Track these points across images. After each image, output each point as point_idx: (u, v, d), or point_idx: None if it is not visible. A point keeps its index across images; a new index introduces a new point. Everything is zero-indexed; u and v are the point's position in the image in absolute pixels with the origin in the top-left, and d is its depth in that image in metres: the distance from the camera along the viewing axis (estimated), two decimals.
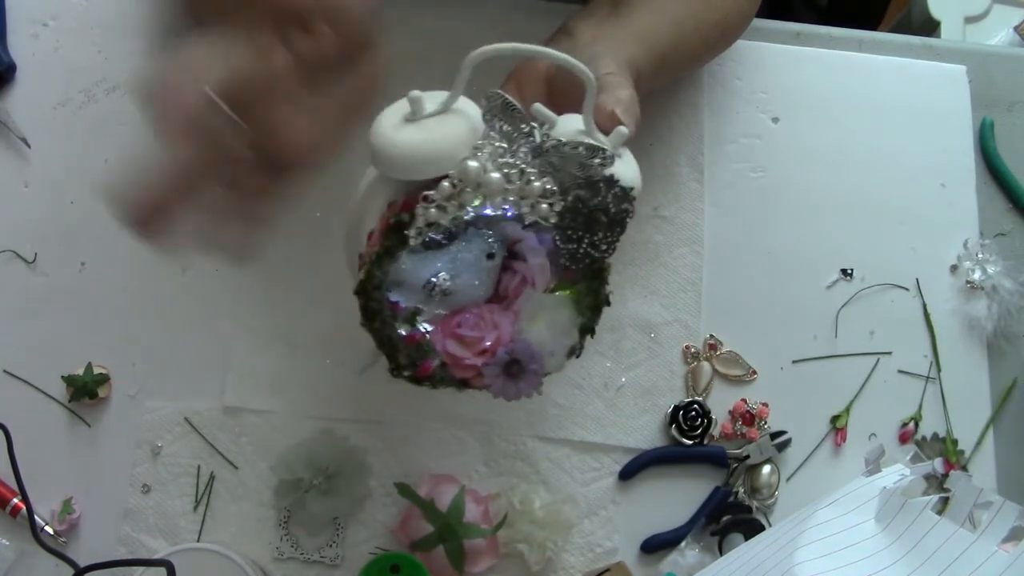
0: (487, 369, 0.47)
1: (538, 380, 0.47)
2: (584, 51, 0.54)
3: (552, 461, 0.65)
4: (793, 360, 0.68)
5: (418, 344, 0.48)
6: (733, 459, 0.65)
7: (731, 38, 0.69)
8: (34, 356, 0.65)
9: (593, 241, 0.46)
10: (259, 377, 0.65)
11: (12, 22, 0.72)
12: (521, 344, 0.46)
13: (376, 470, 0.64)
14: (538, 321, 0.46)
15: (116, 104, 0.70)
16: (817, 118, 0.73)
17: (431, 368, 0.48)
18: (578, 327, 0.47)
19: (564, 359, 0.47)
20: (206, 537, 0.62)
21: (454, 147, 0.44)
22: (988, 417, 0.67)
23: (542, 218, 0.45)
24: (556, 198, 0.45)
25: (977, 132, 0.74)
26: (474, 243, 0.47)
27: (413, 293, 0.47)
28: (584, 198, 0.45)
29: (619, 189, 0.45)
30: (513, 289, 0.48)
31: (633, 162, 0.49)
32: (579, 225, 0.45)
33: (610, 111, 0.48)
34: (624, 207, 0.45)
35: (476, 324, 0.47)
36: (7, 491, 0.61)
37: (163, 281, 0.67)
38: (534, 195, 0.44)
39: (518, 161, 0.44)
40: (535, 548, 0.61)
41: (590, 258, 0.46)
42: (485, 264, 0.47)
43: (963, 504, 0.56)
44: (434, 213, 0.44)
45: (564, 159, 0.44)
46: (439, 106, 0.44)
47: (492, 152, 0.44)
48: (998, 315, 0.68)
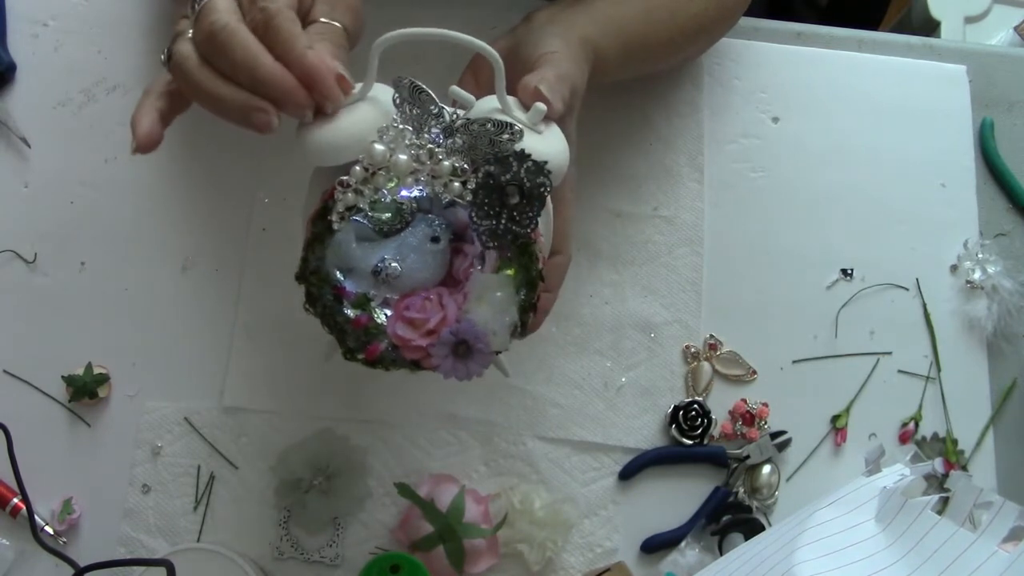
0: (435, 349, 0.48)
1: (486, 359, 0.48)
2: (535, 33, 0.55)
3: (552, 461, 0.65)
4: (793, 360, 0.68)
5: (365, 327, 0.49)
6: (733, 459, 0.65)
7: (715, 33, 0.69)
8: (34, 356, 0.65)
9: (512, 216, 0.46)
10: (259, 377, 0.65)
11: (12, 22, 0.72)
12: (466, 324, 0.47)
13: (376, 470, 0.64)
14: (483, 301, 0.47)
15: (116, 104, 0.70)
16: (817, 118, 0.73)
17: (379, 350, 0.49)
18: (517, 304, 0.48)
19: (508, 337, 0.48)
20: (206, 537, 0.62)
21: (364, 133, 0.46)
22: (988, 417, 0.67)
23: (456, 196, 0.46)
24: (468, 176, 0.46)
25: (977, 132, 0.74)
26: (419, 227, 0.48)
27: (363, 279, 0.49)
28: (494, 173, 0.45)
29: (531, 163, 0.45)
30: (463, 271, 0.49)
31: (559, 138, 0.50)
32: (494, 201, 0.46)
33: (533, 88, 0.49)
34: (539, 180, 0.45)
35: (423, 306, 0.48)
36: (7, 491, 0.61)
37: (163, 281, 0.67)
38: (445, 174, 0.46)
39: (425, 141, 0.46)
40: (535, 548, 0.61)
41: (512, 234, 0.47)
42: (430, 247, 0.49)
43: (963, 504, 0.56)
44: (351, 197, 0.46)
45: (474, 137, 0.46)
46: (355, 95, 0.47)
47: (397, 134, 0.46)
48: (998, 315, 0.68)
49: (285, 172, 0.69)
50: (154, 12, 0.73)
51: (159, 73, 0.47)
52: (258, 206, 0.68)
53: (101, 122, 0.70)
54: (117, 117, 0.70)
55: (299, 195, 0.51)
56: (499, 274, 0.48)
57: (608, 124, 0.72)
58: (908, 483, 0.60)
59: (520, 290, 0.48)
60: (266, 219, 0.68)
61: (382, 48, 0.45)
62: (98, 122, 0.70)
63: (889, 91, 0.74)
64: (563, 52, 0.52)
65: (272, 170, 0.69)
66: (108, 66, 0.71)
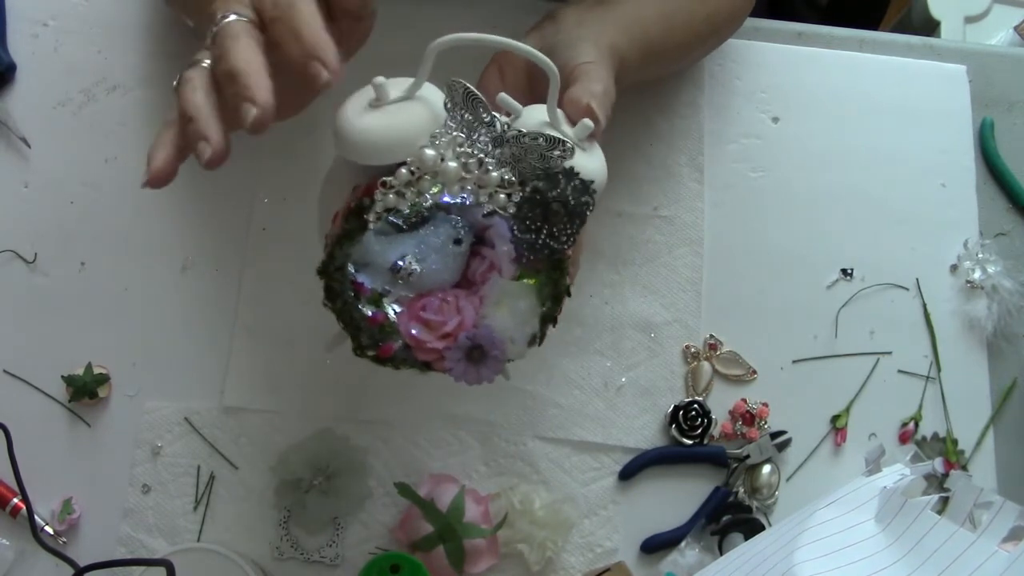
0: (449, 353, 0.48)
1: (499, 366, 0.48)
2: (566, 36, 0.54)
3: (552, 461, 0.65)
4: (793, 360, 0.68)
5: (381, 325, 0.48)
6: (733, 459, 0.65)
7: (724, 34, 0.69)
8: (34, 356, 0.65)
9: (552, 232, 0.46)
10: (259, 377, 0.65)
11: (12, 22, 0.72)
12: (484, 330, 0.47)
13: (376, 470, 0.64)
14: (501, 308, 0.47)
15: (116, 104, 0.70)
16: (817, 118, 0.73)
17: (392, 349, 0.49)
18: (539, 316, 0.48)
19: (525, 347, 0.48)
20: (206, 537, 0.62)
21: (413, 134, 0.45)
22: (988, 417, 0.67)
23: (500, 208, 0.46)
24: (514, 188, 0.46)
25: (977, 132, 0.74)
26: (441, 228, 0.48)
27: (380, 275, 0.48)
28: (542, 189, 0.45)
29: (579, 182, 0.45)
30: (480, 275, 0.49)
31: (599, 156, 0.50)
32: (537, 216, 0.46)
33: (585, 104, 0.48)
34: (584, 199, 0.45)
35: (440, 308, 0.48)
36: (7, 491, 0.61)
37: (163, 281, 0.67)
38: (492, 184, 0.45)
39: (476, 150, 0.45)
40: (535, 548, 0.61)
41: (549, 249, 0.46)
42: (451, 249, 0.48)
43: (963, 504, 0.56)
44: (392, 199, 0.45)
45: (524, 150, 0.45)
46: (403, 93, 0.45)
47: (450, 141, 0.45)
48: (998, 315, 0.68)
49: (285, 172, 0.69)
50: (154, 12, 0.73)
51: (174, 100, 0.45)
52: (258, 206, 0.68)
53: (101, 122, 0.70)
54: (117, 117, 0.70)
55: (300, 195, 0.51)
56: (522, 283, 0.47)
57: (608, 124, 0.71)
58: (908, 483, 0.60)
59: (545, 302, 0.48)
60: (266, 219, 0.68)
61: (438, 50, 0.44)
62: (98, 122, 0.70)
63: (889, 91, 0.74)
64: (600, 63, 0.52)
65: (272, 170, 0.69)
66: (108, 66, 0.71)
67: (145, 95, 0.71)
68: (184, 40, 0.72)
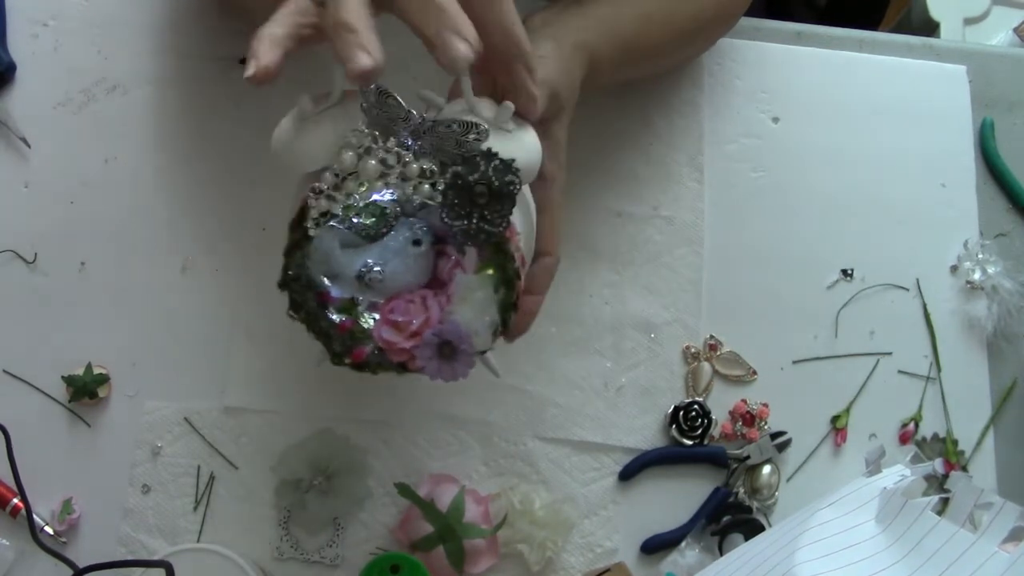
0: (419, 351, 0.48)
1: (471, 360, 0.49)
2: (530, 35, 0.54)
3: (552, 461, 0.65)
4: (793, 360, 0.68)
5: (350, 331, 0.49)
6: (733, 459, 0.65)
7: (713, 33, 0.69)
8: (34, 356, 0.65)
9: (483, 215, 0.46)
10: (259, 377, 0.65)
11: (12, 22, 0.72)
12: (449, 325, 0.47)
13: (376, 470, 0.64)
14: (465, 302, 0.48)
15: (116, 104, 0.70)
16: (817, 118, 0.73)
17: (364, 354, 0.49)
18: (496, 304, 0.48)
19: (490, 337, 0.49)
20: (206, 537, 0.62)
21: (334, 138, 0.46)
22: (988, 417, 0.67)
23: (427, 198, 0.46)
24: (436, 177, 0.46)
25: (977, 132, 0.74)
26: (401, 232, 0.49)
27: (349, 284, 0.49)
28: (462, 174, 0.46)
29: (499, 162, 0.45)
30: (447, 272, 0.49)
31: (529, 136, 0.50)
32: (465, 201, 0.46)
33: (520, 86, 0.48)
34: (508, 179, 0.45)
35: (407, 309, 0.49)
36: (7, 491, 0.61)
37: (163, 281, 0.67)
38: (414, 176, 0.46)
39: (391, 144, 0.46)
40: (535, 548, 0.61)
41: (485, 233, 0.47)
42: (411, 250, 0.49)
43: (963, 504, 0.56)
44: (324, 203, 0.46)
45: (440, 138, 0.46)
46: (326, 103, 0.47)
47: (363, 138, 0.46)
48: (998, 315, 0.68)
49: (285, 172, 0.69)
50: (154, 12, 0.73)
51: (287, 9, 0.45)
52: (258, 206, 0.68)
53: (101, 122, 0.70)
54: (117, 117, 0.70)
55: None
56: (480, 275, 0.48)
57: (608, 124, 0.72)
58: (908, 483, 0.60)
59: (498, 289, 0.48)
60: (266, 219, 0.68)
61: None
62: (98, 122, 0.70)
63: (889, 91, 0.74)
64: (551, 56, 0.53)
65: (272, 170, 0.69)
66: (108, 66, 0.71)
67: (145, 95, 0.71)
68: (184, 40, 0.72)
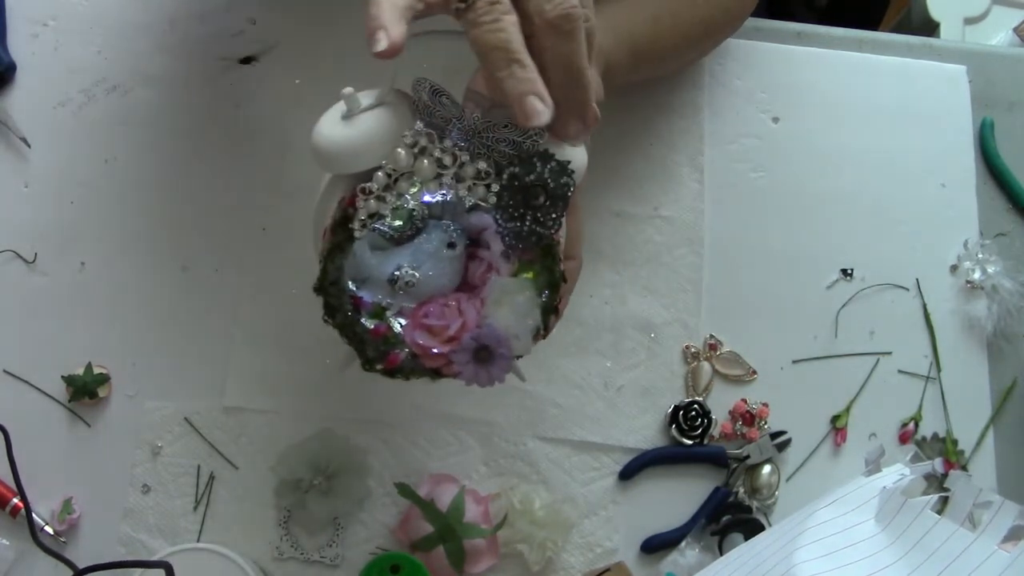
0: (455, 356, 0.47)
1: (508, 364, 0.48)
2: None
3: (552, 461, 0.65)
4: (793, 360, 0.68)
5: (384, 337, 0.48)
6: (733, 459, 0.65)
7: (720, 36, 0.69)
8: (34, 356, 0.65)
9: (536, 217, 0.46)
10: (259, 377, 0.65)
11: (12, 22, 0.72)
12: (487, 329, 0.47)
13: (376, 470, 0.64)
14: (502, 305, 0.47)
15: (116, 104, 0.71)
16: (817, 118, 0.73)
17: (399, 359, 0.48)
18: (540, 307, 0.48)
19: (530, 340, 0.48)
20: (206, 537, 0.62)
21: (385, 138, 0.45)
22: (988, 417, 0.67)
23: (481, 199, 0.46)
24: (492, 178, 0.46)
25: (977, 132, 0.74)
26: (434, 234, 0.48)
27: (379, 288, 0.48)
28: (519, 175, 0.45)
29: (555, 163, 0.45)
30: (480, 276, 0.49)
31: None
32: (519, 203, 0.46)
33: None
34: (563, 181, 0.45)
35: (442, 313, 0.48)
36: (7, 491, 0.61)
37: (163, 281, 0.67)
38: (469, 177, 0.45)
39: (448, 145, 0.45)
40: (535, 548, 0.61)
41: (536, 235, 0.46)
42: (446, 253, 0.48)
43: (963, 504, 0.56)
44: (374, 204, 0.45)
45: (495, 139, 0.45)
46: (373, 100, 0.46)
47: (421, 138, 0.45)
48: (998, 315, 0.68)
49: (285, 172, 0.69)
50: (154, 12, 0.73)
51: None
52: (258, 206, 0.68)
53: (101, 122, 0.70)
54: (117, 117, 0.70)
55: (299, 195, 0.51)
56: (519, 278, 0.47)
57: (608, 124, 0.71)
58: (908, 483, 0.60)
59: (543, 292, 0.48)
60: (266, 219, 0.68)
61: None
62: (98, 122, 0.70)
63: (889, 91, 0.74)
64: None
65: (272, 170, 0.69)
66: (108, 66, 0.71)
67: (145, 95, 0.71)
68: (184, 40, 0.72)
